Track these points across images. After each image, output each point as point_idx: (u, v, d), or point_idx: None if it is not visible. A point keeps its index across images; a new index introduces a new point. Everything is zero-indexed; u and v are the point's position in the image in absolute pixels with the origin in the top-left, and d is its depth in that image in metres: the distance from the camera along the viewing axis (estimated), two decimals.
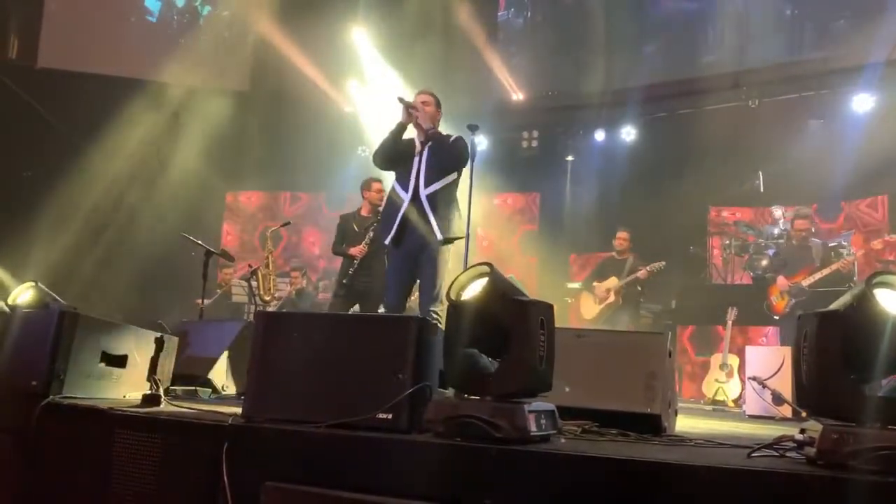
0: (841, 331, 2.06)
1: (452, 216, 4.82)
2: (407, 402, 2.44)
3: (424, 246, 4.74)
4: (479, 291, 2.40)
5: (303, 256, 11.16)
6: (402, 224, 4.77)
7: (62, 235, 9.39)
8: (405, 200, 4.81)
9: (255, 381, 2.72)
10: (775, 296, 6.97)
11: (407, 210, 4.78)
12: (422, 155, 4.89)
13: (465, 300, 2.43)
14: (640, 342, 3.19)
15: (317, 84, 10.59)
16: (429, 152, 4.88)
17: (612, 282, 7.91)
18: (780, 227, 8.13)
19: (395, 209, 4.84)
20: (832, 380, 2.05)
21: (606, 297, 7.90)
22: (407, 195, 4.81)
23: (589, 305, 8.07)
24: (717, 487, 1.94)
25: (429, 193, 4.78)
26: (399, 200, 4.84)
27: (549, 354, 2.37)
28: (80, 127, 9.82)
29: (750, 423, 4.56)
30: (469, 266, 2.54)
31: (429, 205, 4.75)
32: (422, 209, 4.75)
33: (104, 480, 2.82)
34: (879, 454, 1.90)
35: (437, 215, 4.73)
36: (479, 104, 10.07)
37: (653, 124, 9.81)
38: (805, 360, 2.12)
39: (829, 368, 2.05)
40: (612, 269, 8.07)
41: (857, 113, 8.35)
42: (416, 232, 4.74)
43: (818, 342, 2.07)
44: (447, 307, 2.47)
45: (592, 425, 2.72)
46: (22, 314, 3.53)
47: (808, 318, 2.15)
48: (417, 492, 2.22)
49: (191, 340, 4.49)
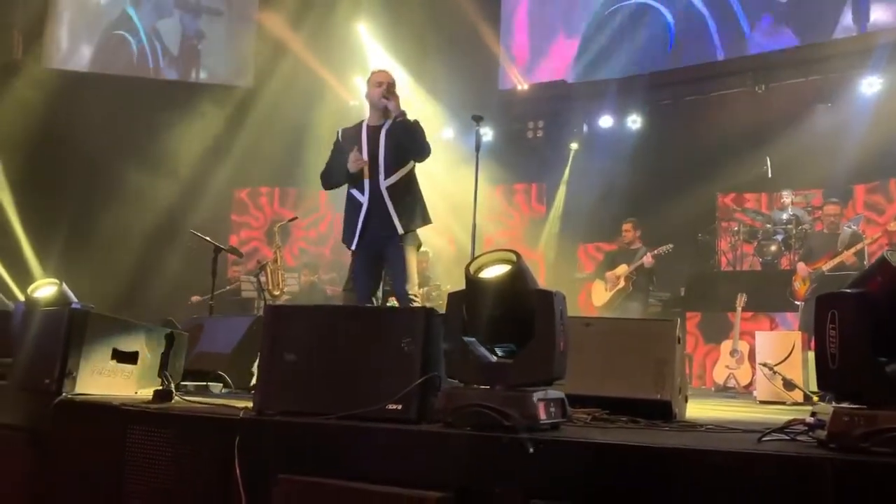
0: (869, 311, 2.01)
1: (415, 206, 4.58)
2: (416, 393, 2.45)
3: (389, 238, 4.52)
4: (504, 273, 2.36)
5: (310, 252, 11.18)
6: (364, 225, 4.53)
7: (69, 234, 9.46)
8: (364, 200, 4.53)
9: (266, 374, 2.74)
10: (798, 282, 6.93)
11: (368, 210, 4.52)
12: (377, 141, 4.56)
13: (484, 277, 2.38)
14: (649, 329, 3.19)
15: (322, 79, 10.59)
16: (389, 137, 4.56)
17: (622, 269, 7.90)
18: (788, 213, 8.08)
19: (353, 210, 4.59)
20: (862, 362, 2.01)
21: (617, 283, 7.88)
22: (365, 194, 4.52)
23: (600, 292, 8.05)
24: (728, 472, 1.93)
25: (389, 185, 4.51)
26: (357, 200, 4.58)
27: (565, 344, 2.37)
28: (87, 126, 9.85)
29: (761, 409, 4.55)
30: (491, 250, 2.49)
31: (390, 198, 4.49)
32: (382, 204, 4.50)
33: (118, 476, 2.85)
34: (891, 435, 1.89)
35: (398, 209, 4.49)
36: (483, 95, 10.06)
37: (659, 112, 9.75)
38: (832, 342, 2.05)
39: (859, 350, 2.01)
40: (623, 258, 8.05)
41: (865, 95, 8.29)
42: (378, 229, 4.52)
43: (849, 323, 2.02)
44: (448, 297, 2.46)
45: (602, 413, 2.72)
46: (34, 314, 3.56)
47: (832, 299, 2.09)
48: (428, 481, 2.22)
49: (201, 336, 4.53)
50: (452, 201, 7.88)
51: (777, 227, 8.12)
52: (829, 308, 2.07)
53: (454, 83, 9.65)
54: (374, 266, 4.67)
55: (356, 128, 4.74)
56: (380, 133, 4.61)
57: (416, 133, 4.55)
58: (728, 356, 6.98)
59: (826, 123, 8.38)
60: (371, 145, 4.58)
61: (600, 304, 7.99)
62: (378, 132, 4.62)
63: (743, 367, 6.83)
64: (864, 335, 2.01)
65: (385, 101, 4.55)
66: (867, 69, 8.22)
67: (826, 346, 2.06)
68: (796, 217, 7.93)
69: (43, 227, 9.65)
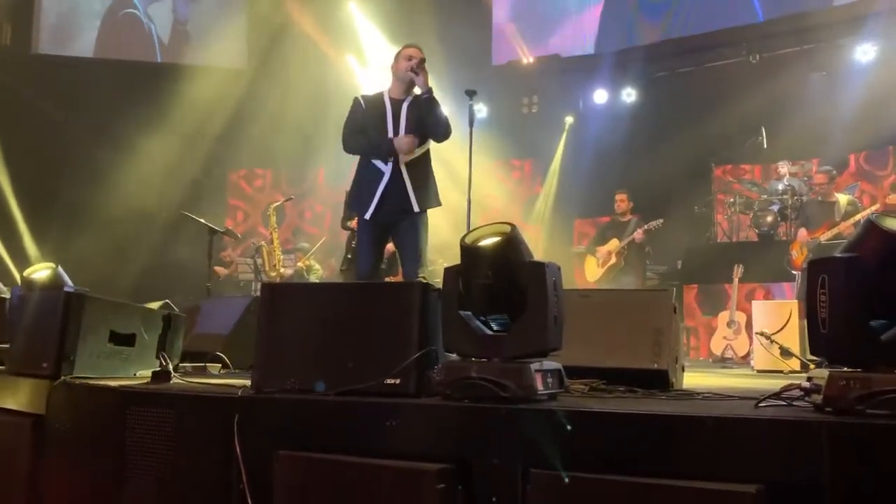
0: (859, 274, 2.01)
1: (430, 185, 4.57)
2: (414, 367, 2.45)
3: (402, 215, 4.49)
4: (497, 241, 2.36)
5: (305, 232, 11.17)
6: (382, 196, 4.47)
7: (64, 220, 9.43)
8: (385, 171, 4.48)
9: (264, 352, 2.74)
10: (796, 250, 6.93)
11: (388, 181, 4.47)
12: (399, 115, 4.53)
13: (479, 245, 2.38)
14: (645, 299, 3.19)
15: (314, 58, 10.51)
16: (411, 114, 4.52)
17: (614, 244, 7.91)
18: (784, 183, 8.07)
19: (373, 179, 4.51)
20: (853, 326, 2.01)
21: (609, 259, 7.90)
22: (387, 166, 4.48)
23: (592, 268, 8.08)
24: (725, 437, 1.94)
25: (408, 162, 4.48)
26: (379, 169, 4.51)
27: (560, 315, 2.37)
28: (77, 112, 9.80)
29: (758, 378, 4.57)
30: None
31: (408, 175, 4.47)
32: (401, 179, 4.47)
33: (118, 457, 2.86)
34: (887, 398, 1.90)
35: (415, 186, 4.47)
36: (477, 69, 10.00)
37: (653, 84, 9.71)
38: (823, 307, 2.05)
39: (850, 314, 2.01)
40: (614, 232, 8.06)
41: (860, 63, 8.25)
42: (394, 203, 4.48)
43: (838, 287, 2.02)
44: (444, 272, 2.46)
45: (600, 383, 2.73)
46: (30, 298, 3.56)
47: (823, 264, 2.09)
48: (428, 454, 2.24)
49: (199, 318, 4.52)
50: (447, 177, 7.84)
51: (773, 197, 8.12)
52: (819, 273, 2.07)
53: (447, 60, 9.59)
54: (381, 241, 4.65)
55: (377, 97, 4.66)
56: (401, 107, 4.56)
57: (438, 111, 4.49)
58: (725, 327, 7.01)
59: (821, 92, 8.36)
60: (394, 119, 4.54)
61: (593, 279, 8.02)
62: (400, 105, 4.57)
63: (740, 337, 6.86)
64: (853, 299, 2.01)
65: (412, 75, 4.49)
66: (862, 37, 8.18)
67: (818, 311, 2.07)
68: (792, 187, 7.93)
69: (41, 212, 9.64)
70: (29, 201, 9.81)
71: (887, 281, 2.02)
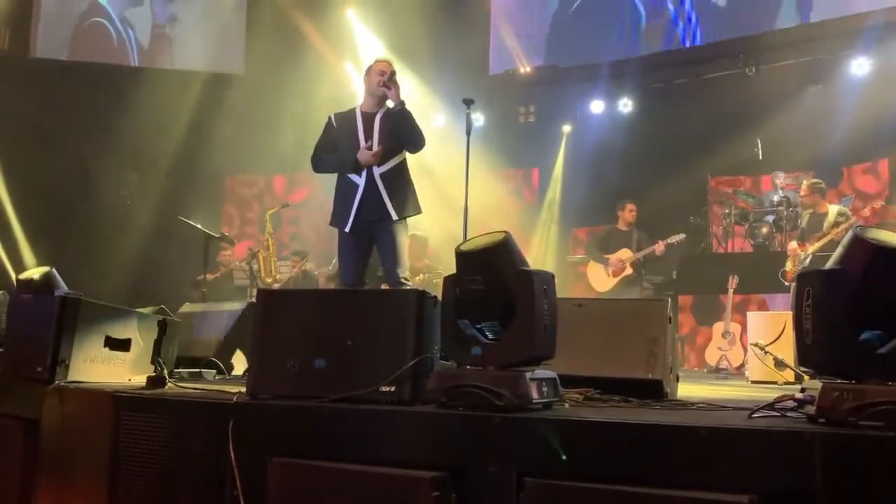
0: (842, 285, 2.04)
1: (408, 193, 4.62)
2: (409, 374, 2.46)
3: (380, 223, 4.55)
4: (487, 244, 2.38)
5: (302, 239, 11.15)
6: (358, 208, 4.54)
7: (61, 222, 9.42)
8: (361, 182, 4.54)
9: (259, 358, 2.74)
10: (789, 263, 6.94)
11: (363, 193, 4.53)
12: (371, 128, 4.59)
13: (467, 249, 2.42)
14: (640, 309, 3.19)
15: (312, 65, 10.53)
16: (383, 126, 4.58)
17: (626, 253, 7.80)
18: (779, 195, 8.09)
19: (349, 192, 4.58)
20: (836, 337, 2.04)
21: (623, 269, 7.80)
22: (361, 178, 4.54)
23: (602, 278, 7.92)
24: (719, 447, 1.95)
25: (382, 173, 4.53)
26: (353, 182, 4.58)
27: (552, 323, 2.38)
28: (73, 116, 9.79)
29: (752, 388, 4.58)
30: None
31: (383, 185, 4.53)
32: (376, 190, 4.52)
33: (113, 462, 2.85)
34: (880, 409, 1.91)
35: (391, 196, 4.53)
36: (475, 78, 10.03)
37: (650, 95, 9.74)
38: (808, 318, 2.09)
39: (833, 325, 2.04)
40: (618, 241, 7.98)
41: (855, 76, 8.29)
42: (371, 212, 4.54)
43: (820, 299, 2.05)
44: (443, 281, 2.47)
45: (594, 393, 2.73)
46: (24, 302, 3.55)
47: (808, 277, 2.13)
48: (422, 461, 2.24)
49: (194, 323, 4.51)
50: (445, 187, 7.85)
51: (768, 208, 8.14)
52: (805, 286, 2.11)
53: (445, 69, 9.63)
54: (363, 249, 4.68)
55: (349, 113, 4.74)
56: (374, 120, 4.63)
57: (412, 122, 4.58)
58: (720, 338, 7.01)
59: (816, 105, 8.39)
60: (366, 132, 4.62)
61: (605, 289, 7.85)
62: (372, 119, 4.64)
63: (735, 348, 6.87)
64: (835, 311, 2.04)
65: (384, 90, 4.56)
66: (857, 50, 8.22)
67: (803, 322, 2.10)
68: (787, 199, 7.94)
69: (36, 217, 9.62)
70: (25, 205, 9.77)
71: (873, 292, 2.04)
